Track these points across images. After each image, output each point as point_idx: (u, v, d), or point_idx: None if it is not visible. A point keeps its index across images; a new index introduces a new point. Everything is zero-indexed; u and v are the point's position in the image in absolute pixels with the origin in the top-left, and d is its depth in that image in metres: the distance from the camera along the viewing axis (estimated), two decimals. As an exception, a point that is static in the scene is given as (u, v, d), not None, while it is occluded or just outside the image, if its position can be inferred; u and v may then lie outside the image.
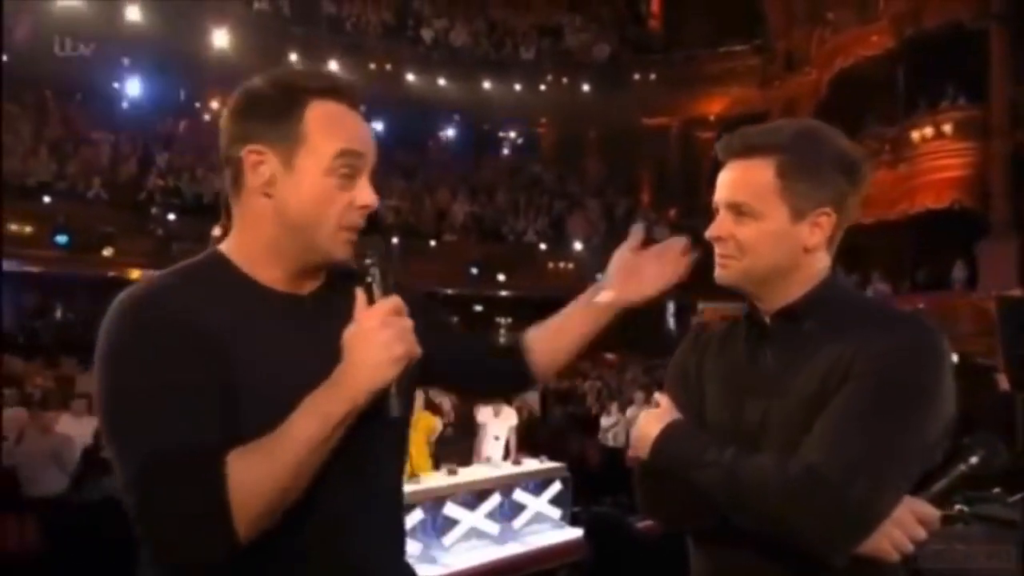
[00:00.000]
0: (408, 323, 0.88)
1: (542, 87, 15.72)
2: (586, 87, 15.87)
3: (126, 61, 13.14)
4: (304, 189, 0.92)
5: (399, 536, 1.04)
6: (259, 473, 0.82)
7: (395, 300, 0.88)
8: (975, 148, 10.92)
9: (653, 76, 16.13)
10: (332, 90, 0.94)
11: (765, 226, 1.00)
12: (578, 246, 14.84)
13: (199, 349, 0.86)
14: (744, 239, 1.01)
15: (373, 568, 0.96)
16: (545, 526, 5.03)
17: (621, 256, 1.24)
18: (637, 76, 16.20)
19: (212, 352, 0.86)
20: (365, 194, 0.94)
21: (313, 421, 0.84)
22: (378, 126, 15.89)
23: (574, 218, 15.56)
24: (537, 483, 5.11)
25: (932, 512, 0.88)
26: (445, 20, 16.15)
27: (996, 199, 10.78)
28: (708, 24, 16.46)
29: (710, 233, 1.05)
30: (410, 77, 14.70)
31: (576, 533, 4.72)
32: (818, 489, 0.85)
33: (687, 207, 16.68)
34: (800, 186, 0.99)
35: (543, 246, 14.67)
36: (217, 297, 0.91)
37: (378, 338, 0.85)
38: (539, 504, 5.08)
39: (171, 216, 12.11)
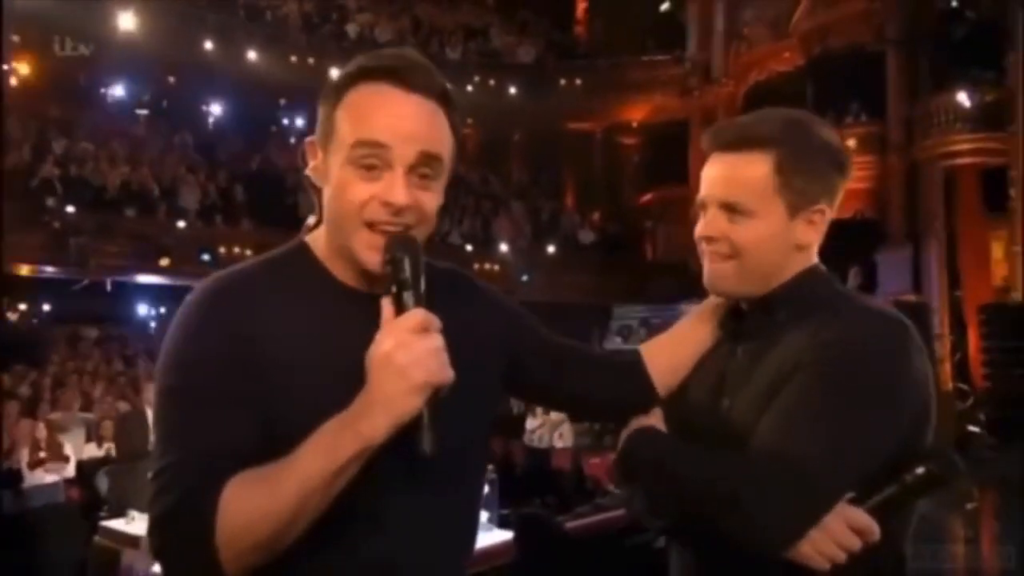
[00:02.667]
0: (434, 343, 0.75)
1: (468, 88, 15.65)
2: (512, 90, 15.92)
3: (16, 38, 12.09)
4: (332, 179, 0.86)
5: (460, 552, 0.93)
6: (254, 506, 0.75)
7: (418, 315, 0.77)
8: (875, 162, 11.66)
9: (578, 81, 16.36)
10: (373, 71, 0.85)
11: (761, 225, 0.94)
12: (504, 248, 14.85)
13: (251, 361, 0.81)
14: (739, 240, 0.94)
15: None
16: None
17: None
18: (563, 81, 16.40)
19: (263, 363, 0.81)
20: (391, 190, 0.81)
21: (318, 458, 0.74)
22: (299, 121, 15.40)
23: (500, 220, 15.57)
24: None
25: (867, 521, 0.84)
26: (370, 15, 15.82)
27: (893, 210, 11.55)
28: (631, 33, 16.88)
29: (701, 232, 0.97)
30: (334, 72, 14.29)
31: (503, 535, 4.68)
32: (748, 486, 0.83)
33: (610, 211, 17.03)
34: (797, 182, 0.93)
35: (469, 247, 14.59)
36: (288, 294, 0.86)
37: (392, 364, 0.74)
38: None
39: (69, 208, 11.26)
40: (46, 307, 13.92)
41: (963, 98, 10.65)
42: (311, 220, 0.93)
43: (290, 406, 0.80)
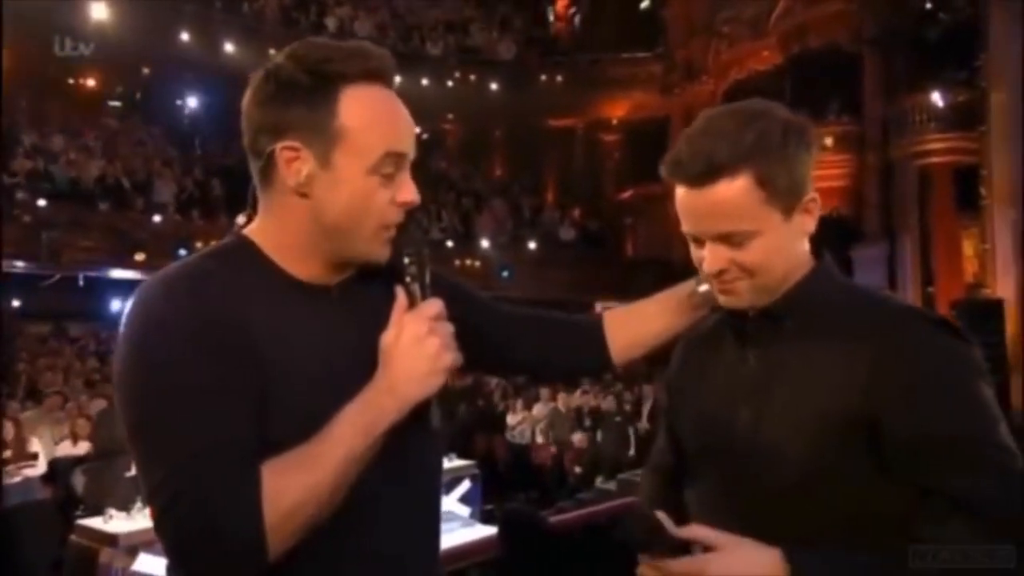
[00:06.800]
0: (451, 328, 0.83)
1: (449, 83, 15.59)
2: (493, 86, 15.89)
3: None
4: (344, 189, 0.84)
5: (435, 541, 0.97)
6: (298, 486, 0.76)
7: (438, 304, 0.83)
8: (851, 160, 11.83)
9: (559, 78, 16.38)
10: (368, 72, 0.85)
11: (765, 240, 0.90)
12: (485, 244, 14.84)
13: (234, 346, 0.79)
14: (748, 262, 0.91)
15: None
16: (455, 525, 4.95)
17: None
18: (543, 77, 16.40)
19: (245, 349, 0.80)
20: (407, 190, 0.87)
21: (355, 433, 0.79)
22: (277, 114, 15.20)
23: (481, 216, 15.55)
24: (446, 482, 5.04)
25: None
26: (348, 9, 15.67)
27: (869, 208, 11.73)
28: (612, 30, 16.92)
29: (709, 269, 0.93)
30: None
31: (486, 531, 4.69)
32: (1004, 525, 0.80)
33: (591, 207, 17.09)
34: (781, 184, 0.90)
35: (450, 243, 14.56)
36: (248, 286, 0.85)
37: (425, 348, 0.81)
38: (448, 503, 5.00)
39: (41, 202, 11.03)
40: (16, 303, 13.63)
41: (936, 98, 10.84)
42: (241, 219, 0.93)
43: (268, 391, 0.80)
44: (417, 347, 0.80)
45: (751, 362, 0.96)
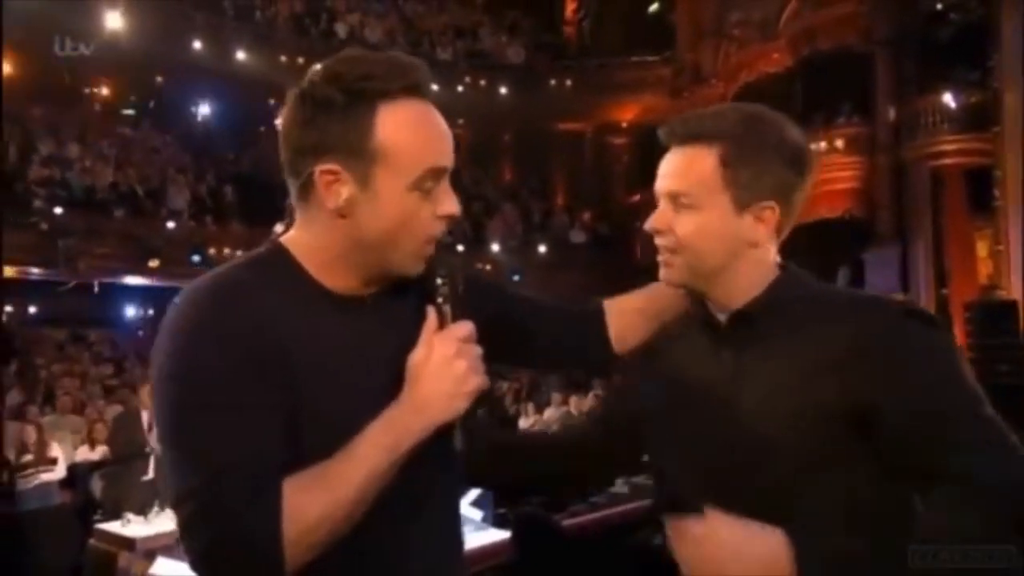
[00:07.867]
0: (479, 351, 0.83)
1: (459, 88, 15.65)
2: (503, 90, 15.93)
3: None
4: (385, 208, 0.83)
5: (457, 558, 0.97)
6: (319, 504, 0.77)
7: (468, 326, 0.84)
8: (863, 162, 11.77)
9: (568, 82, 16.40)
10: (405, 88, 0.84)
11: (705, 218, 0.93)
12: (496, 248, 14.87)
13: (268, 358, 0.80)
14: (683, 234, 0.94)
15: None
16: (467, 529, 4.91)
17: None
18: (553, 81, 16.43)
19: (279, 361, 0.80)
20: (449, 202, 0.86)
21: (379, 452, 0.79)
22: (289, 121, 15.32)
23: (492, 220, 15.59)
24: (459, 486, 5.05)
25: None
26: (359, 15, 15.78)
27: (881, 210, 11.66)
28: (621, 34, 16.93)
29: (649, 225, 0.98)
30: (322, 71, 14.23)
31: (499, 535, 4.70)
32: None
33: (601, 211, 17.09)
34: (743, 176, 0.92)
35: (461, 248, 14.60)
36: (282, 297, 0.84)
37: (453, 370, 0.81)
38: (461, 507, 5.02)
39: (57, 209, 11.17)
40: (32, 309, 13.79)
41: (948, 99, 10.77)
42: (279, 228, 0.94)
43: (301, 405, 0.81)
44: (445, 368, 0.80)
45: (728, 363, 0.96)
